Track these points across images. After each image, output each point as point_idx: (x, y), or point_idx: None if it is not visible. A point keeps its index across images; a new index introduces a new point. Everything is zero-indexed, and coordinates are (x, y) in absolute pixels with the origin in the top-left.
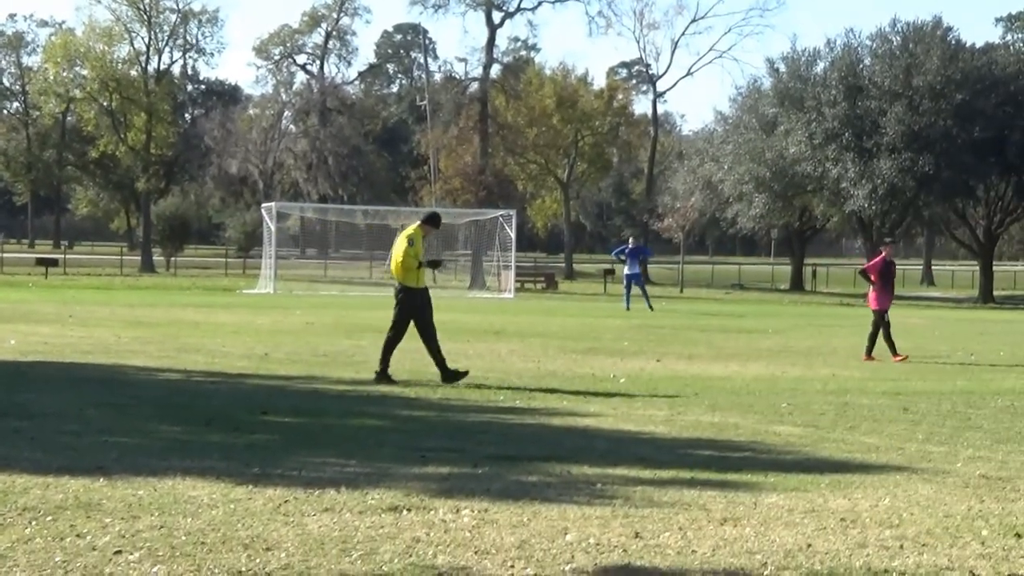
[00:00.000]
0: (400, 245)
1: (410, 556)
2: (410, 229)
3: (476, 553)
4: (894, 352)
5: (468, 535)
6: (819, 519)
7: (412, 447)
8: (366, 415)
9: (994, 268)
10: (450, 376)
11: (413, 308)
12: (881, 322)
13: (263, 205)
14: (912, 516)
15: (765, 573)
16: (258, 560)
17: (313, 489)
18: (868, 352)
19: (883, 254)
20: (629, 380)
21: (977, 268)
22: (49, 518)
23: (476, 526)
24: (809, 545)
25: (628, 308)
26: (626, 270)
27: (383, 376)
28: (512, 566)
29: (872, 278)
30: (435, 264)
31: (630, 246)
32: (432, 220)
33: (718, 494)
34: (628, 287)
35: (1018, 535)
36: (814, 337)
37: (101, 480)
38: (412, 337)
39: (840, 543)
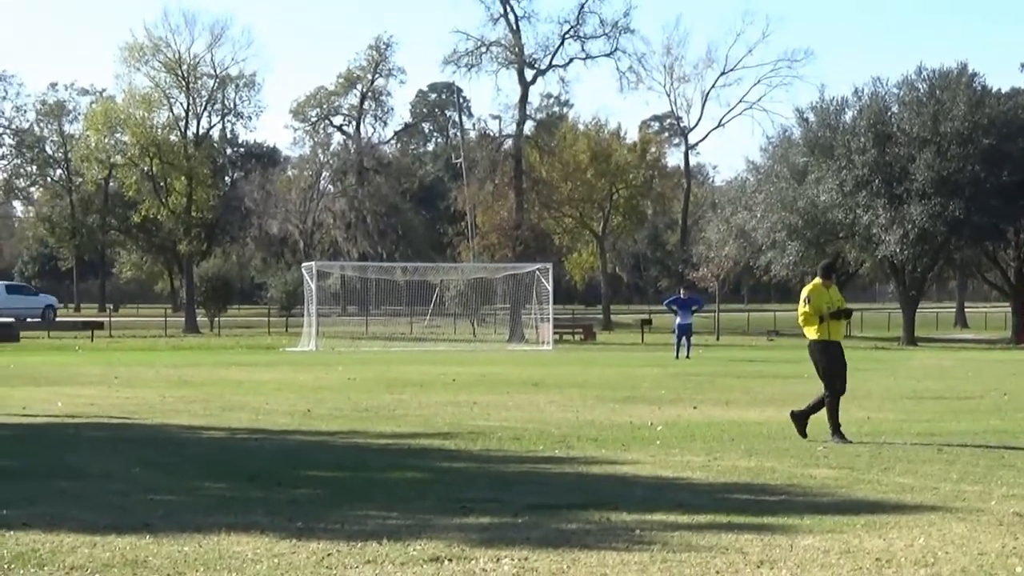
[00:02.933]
0: (800, 305)
1: None
2: (807, 288)
3: None
4: None
5: None
6: (855, 560)
7: (453, 498)
8: (407, 468)
9: None
10: (803, 428)
11: (830, 358)
12: None
13: (303, 264)
14: (947, 555)
15: None
16: None
17: (355, 542)
18: None
19: None
20: (666, 427)
21: (1009, 310)
22: None
23: (516, 574)
24: None
25: (678, 357)
26: (678, 320)
27: (838, 435)
28: None
29: None
30: (841, 314)
31: (682, 296)
32: (825, 272)
33: (755, 537)
34: (679, 337)
35: None
36: (849, 381)
37: (147, 538)
38: (452, 390)
39: None
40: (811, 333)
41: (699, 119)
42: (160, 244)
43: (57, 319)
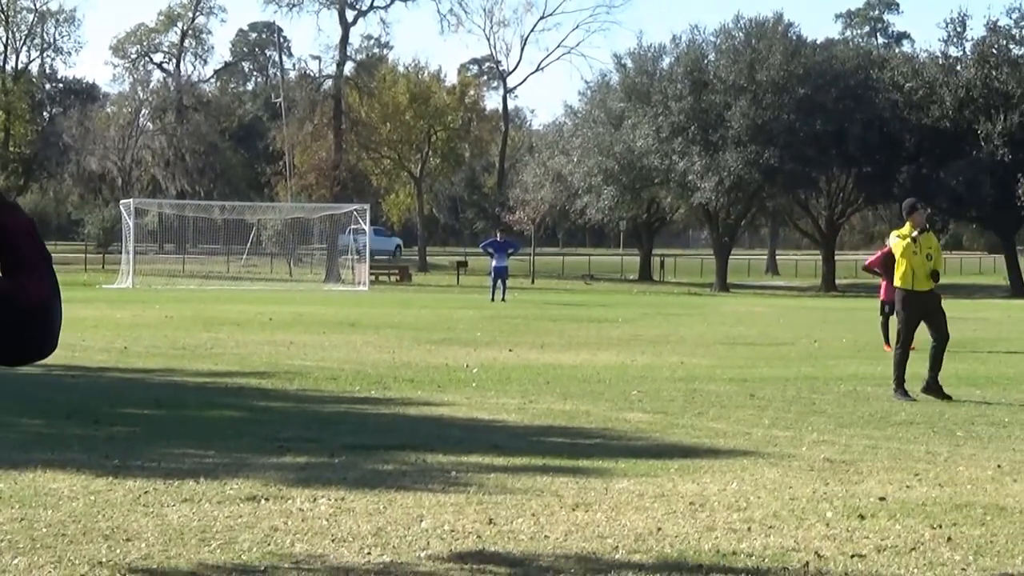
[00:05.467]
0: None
1: (268, 545)
2: (892, 240)
3: (333, 541)
4: (887, 341)
5: (325, 523)
6: (669, 503)
7: (270, 437)
8: (225, 406)
9: (836, 258)
10: (935, 390)
11: (910, 311)
12: (884, 313)
13: (121, 202)
14: (759, 499)
15: (616, 557)
16: (118, 551)
17: (172, 480)
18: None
19: (887, 248)
20: (482, 370)
21: (820, 258)
22: None
23: (333, 514)
24: (659, 529)
25: (493, 300)
26: (494, 263)
27: (901, 391)
28: (368, 553)
29: (879, 271)
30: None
31: (498, 239)
32: (908, 212)
33: (570, 480)
34: (495, 279)
35: (861, 516)
36: (662, 326)
37: None
38: (269, 329)
39: (689, 527)
40: (896, 280)
41: (518, 63)
42: None
43: None
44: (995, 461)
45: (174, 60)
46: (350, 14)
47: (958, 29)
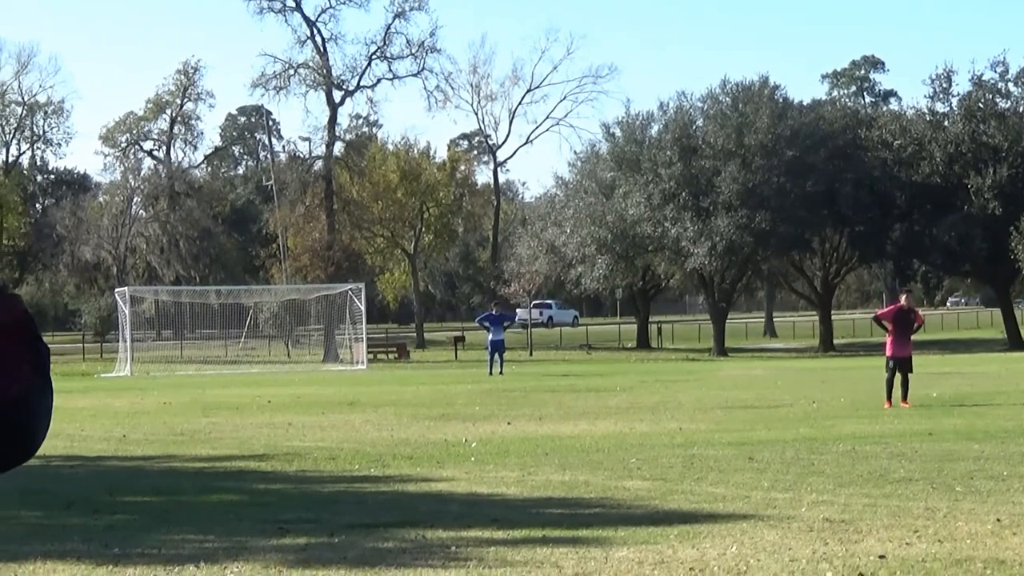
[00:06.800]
0: None
1: None
2: None
3: None
4: (888, 398)
5: None
6: (669, 570)
7: (270, 520)
8: (224, 491)
9: (833, 317)
10: None
11: None
12: (889, 369)
13: (117, 290)
14: (759, 562)
15: None
16: None
17: (172, 566)
18: (903, 397)
19: (899, 303)
20: (481, 444)
21: (817, 318)
22: None
23: None
24: None
25: (491, 374)
26: (490, 336)
27: None
28: None
29: (887, 326)
30: None
31: (494, 313)
32: None
33: (569, 550)
34: (492, 353)
35: (861, 575)
36: (661, 393)
37: None
38: (267, 412)
39: None
40: None
41: (507, 136)
42: None
43: None
44: (994, 515)
45: (164, 147)
46: (337, 95)
47: (944, 85)
